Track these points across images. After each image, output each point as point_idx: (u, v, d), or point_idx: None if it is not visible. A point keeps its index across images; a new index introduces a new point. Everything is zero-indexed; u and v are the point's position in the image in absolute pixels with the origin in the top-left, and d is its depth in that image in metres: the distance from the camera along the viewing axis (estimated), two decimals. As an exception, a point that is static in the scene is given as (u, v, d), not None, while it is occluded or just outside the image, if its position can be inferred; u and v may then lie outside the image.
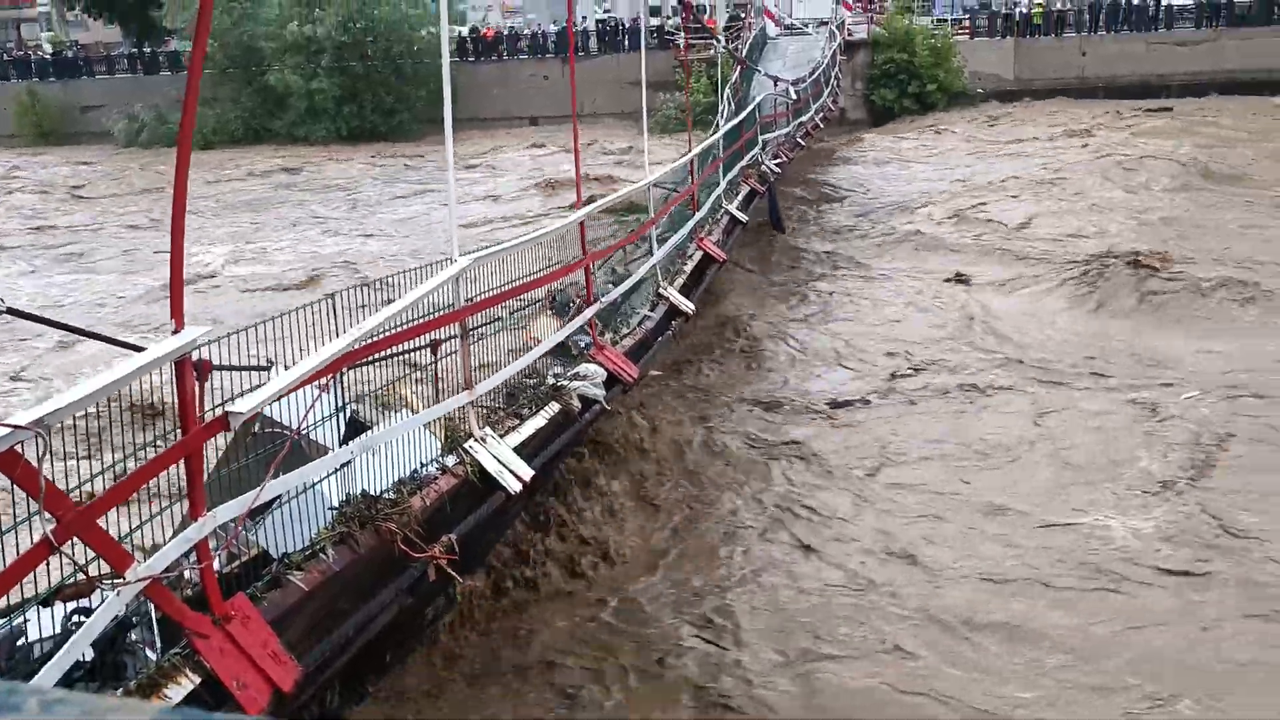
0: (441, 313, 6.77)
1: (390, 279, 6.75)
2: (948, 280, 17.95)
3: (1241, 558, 8.74)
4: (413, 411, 7.10)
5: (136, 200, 33.10)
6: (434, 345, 7.31)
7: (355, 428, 6.95)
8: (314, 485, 6.06)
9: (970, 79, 42.89)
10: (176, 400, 4.69)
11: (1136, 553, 8.86)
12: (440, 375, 7.23)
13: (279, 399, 5.41)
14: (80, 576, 4.37)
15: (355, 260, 22.59)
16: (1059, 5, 48.03)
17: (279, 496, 5.72)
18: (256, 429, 6.51)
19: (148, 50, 52.69)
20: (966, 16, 53.03)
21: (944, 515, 9.67)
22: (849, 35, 42.56)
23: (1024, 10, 47.86)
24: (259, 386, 5.53)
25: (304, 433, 6.09)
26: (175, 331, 4.57)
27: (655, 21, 49.17)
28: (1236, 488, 9.93)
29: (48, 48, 60.96)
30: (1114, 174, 25.87)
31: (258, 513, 5.74)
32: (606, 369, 8.45)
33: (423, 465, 6.63)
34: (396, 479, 6.43)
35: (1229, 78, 40.98)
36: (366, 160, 38.63)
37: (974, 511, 9.73)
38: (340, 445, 6.34)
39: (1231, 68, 41.43)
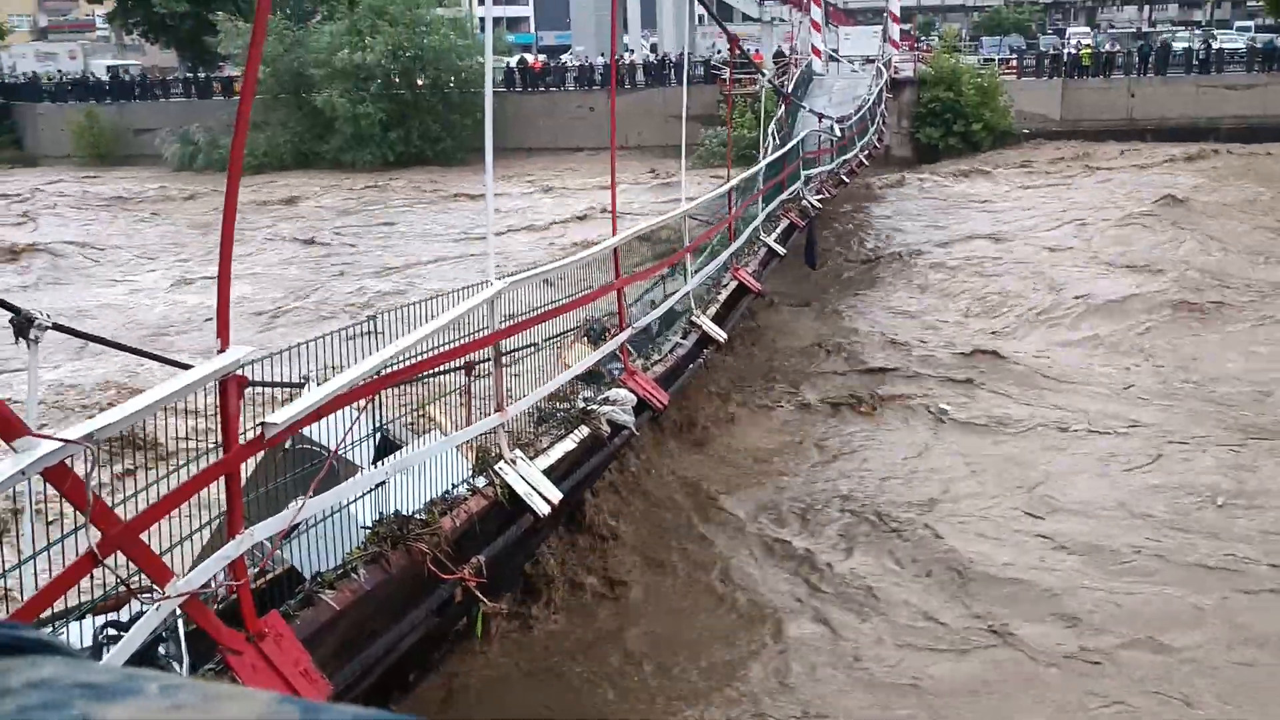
0: (477, 335, 6.89)
1: (430, 301, 6.85)
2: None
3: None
4: (443, 433, 7.22)
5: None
6: (468, 367, 7.44)
7: (387, 448, 7.08)
8: (347, 505, 6.18)
9: (1017, 118, 42.76)
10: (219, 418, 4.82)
11: None
12: (472, 397, 7.35)
13: (313, 414, 5.52)
14: (122, 590, 4.50)
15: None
16: (1108, 47, 47.90)
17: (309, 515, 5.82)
18: (289, 446, 6.64)
19: (202, 75, 53.82)
20: (1014, 56, 53.00)
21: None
22: (896, 73, 42.64)
23: (1072, 51, 47.81)
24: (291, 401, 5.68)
25: (333, 453, 6.21)
26: (220, 350, 4.70)
27: (702, 55, 49.44)
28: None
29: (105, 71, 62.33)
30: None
31: (289, 531, 5.85)
32: (637, 395, 8.53)
33: (454, 486, 6.72)
34: (428, 499, 6.54)
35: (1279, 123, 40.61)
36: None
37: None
38: (373, 465, 6.46)
39: (1281, 112, 41.07)
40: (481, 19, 65.66)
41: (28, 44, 74.46)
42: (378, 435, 7.24)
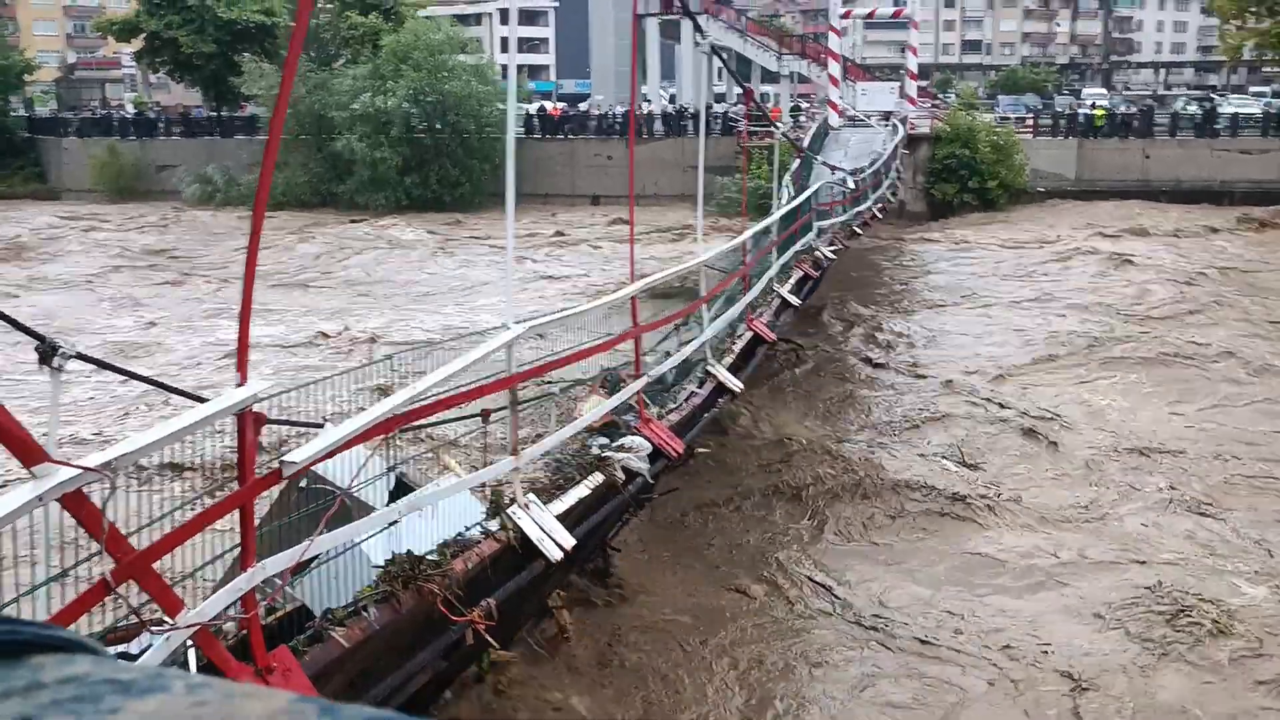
0: (493, 378, 6.92)
1: (448, 342, 6.89)
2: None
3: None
4: (456, 475, 7.22)
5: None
6: (484, 414, 7.47)
7: (401, 489, 7.09)
8: (359, 544, 6.18)
9: (1032, 177, 42.96)
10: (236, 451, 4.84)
11: None
12: (487, 441, 7.37)
13: (330, 455, 5.55)
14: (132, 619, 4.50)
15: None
16: (1123, 109, 48.20)
17: (320, 552, 5.82)
18: (303, 484, 6.66)
19: (225, 114, 54.55)
20: (1030, 115, 53.35)
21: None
22: (912, 129, 42.90)
23: (1087, 112, 48.16)
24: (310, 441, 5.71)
25: (346, 492, 6.23)
26: (239, 384, 4.73)
27: (720, 107, 49.84)
28: None
29: (130, 108, 63.27)
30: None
31: (299, 568, 5.85)
32: (652, 443, 8.53)
33: (466, 528, 6.72)
34: (440, 540, 6.53)
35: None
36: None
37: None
38: (386, 505, 6.47)
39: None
40: (503, 66, 66.53)
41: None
42: (392, 476, 7.26)
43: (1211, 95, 71.41)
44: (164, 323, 24.42)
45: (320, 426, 7.63)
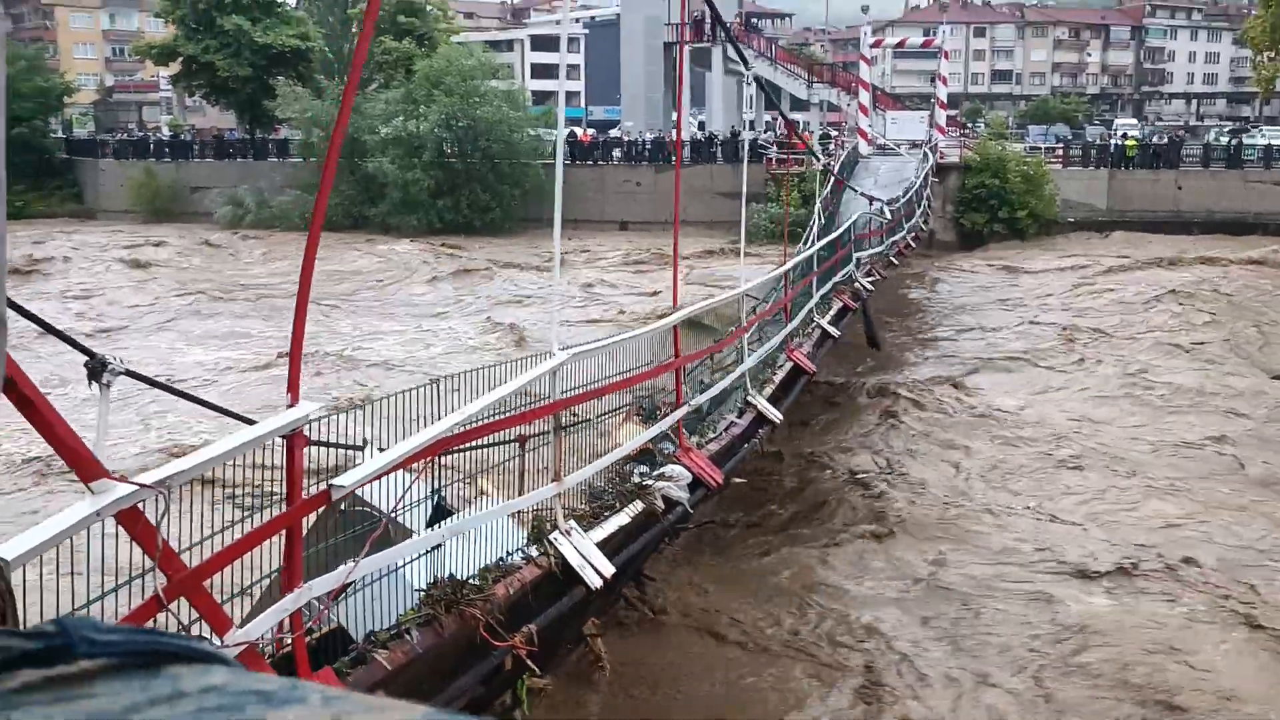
0: (538, 404, 6.91)
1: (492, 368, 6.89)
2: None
3: None
4: (495, 500, 7.21)
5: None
6: (521, 440, 7.44)
7: (441, 513, 7.07)
8: (401, 567, 6.17)
9: (1062, 207, 42.79)
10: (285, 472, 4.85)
11: None
12: (525, 467, 7.34)
13: (377, 479, 5.56)
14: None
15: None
16: (1155, 140, 48.01)
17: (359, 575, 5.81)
18: (343, 507, 6.66)
19: (258, 136, 55.14)
20: (1060, 145, 53.22)
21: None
22: (942, 158, 42.87)
23: (1118, 142, 48.00)
24: (357, 464, 5.72)
25: (388, 515, 6.23)
26: (290, 405, 4.74)
27: (748, 135, 49.96)
28: None
29: (166, 130, 64.07)
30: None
31: (338, 590, 5.84)
32: (691, 472, 8.49)
33: (508, 554, 6.70)
34: (482, 565, 6.51)
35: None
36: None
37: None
38: (425, 529, 6.46)
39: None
40: (536, 92, 66.98)
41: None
42: (434, 499, 7.25)
43: (1246, 126, 71.10)
44: (195, 341, 24.63)
45: (361, 449, 7.67)
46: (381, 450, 6.45)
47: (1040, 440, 16.11)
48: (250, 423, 5.37)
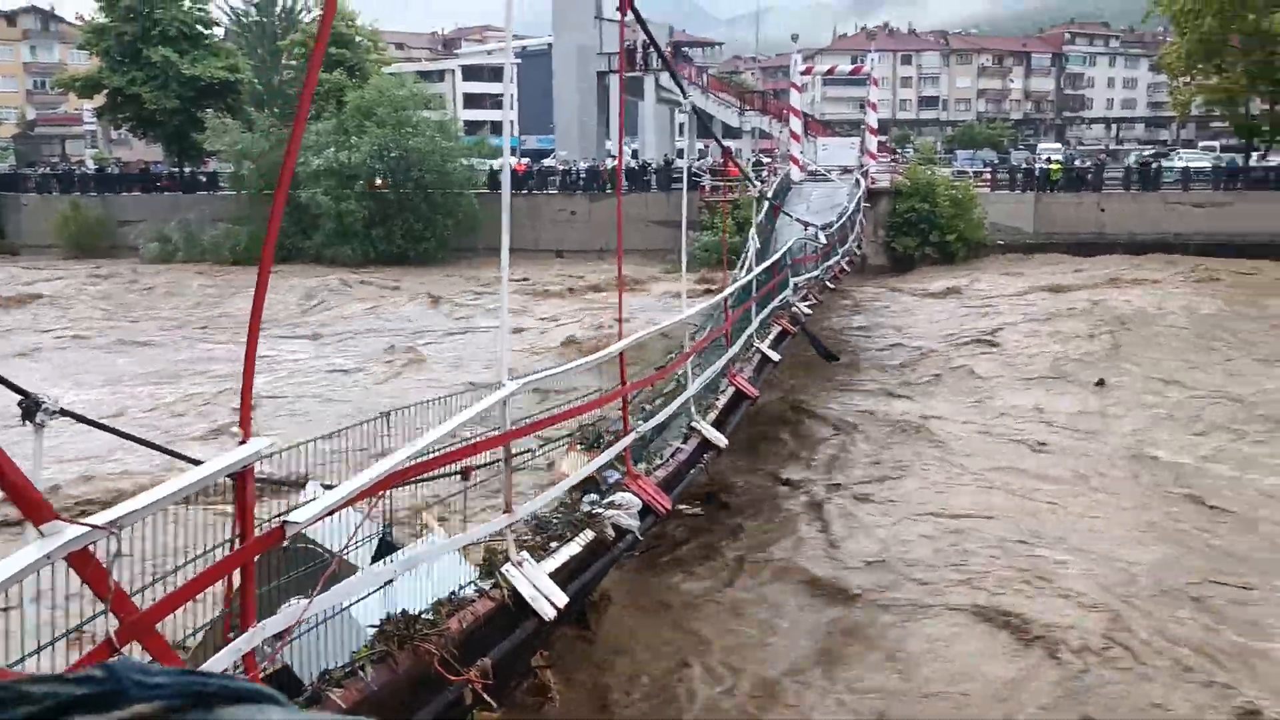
0: (487, 435, 6.89)
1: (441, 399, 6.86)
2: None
3: None
4: (443, 535, 7.16)
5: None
6: (465, 472, 7.38)
7: (387, 549, 7.00)
8: (349, 606, 6.09)
9: (990, 230, 43.59)
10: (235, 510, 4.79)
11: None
12: (468, 499, 7.30)
13: (331, 514, 5.50)
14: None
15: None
16: (1078, 163, 49.17)
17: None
18: (285, 545, 6.56)
19: (187, 170, 54.45)
20: (987, 170, 54.29)
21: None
22: (873, 183, 43.51)
23: (1043, 166, 49.12)
24: (309, 501, 5.66)
25: (337, 552, 6.15)
26: (242, 441, 4.69)
27: (681, 163, 50.35)
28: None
29: (91, 164, 63.02)
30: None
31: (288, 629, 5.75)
32: (641, 499, 8.51)
33: (460, 587, 6.65)
34: (430, 600, 6.46)
35: (1244, 239, 41.60)
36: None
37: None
38: (371, 565, 6.39)
39: (1246, 229, 42.10)
40: (469, 122, 66.88)
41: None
42: (379, 537, 7.18)
43: (1165, 150, 73.06)
44: (132, 378, 24.15)
45: (303, 486, 7.58)
46: (327, 487, 6.40)
47: (963, 453, 16.45)
48: (195, 462, 5.30)
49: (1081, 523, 13.48)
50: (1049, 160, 53.20)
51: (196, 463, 5.25)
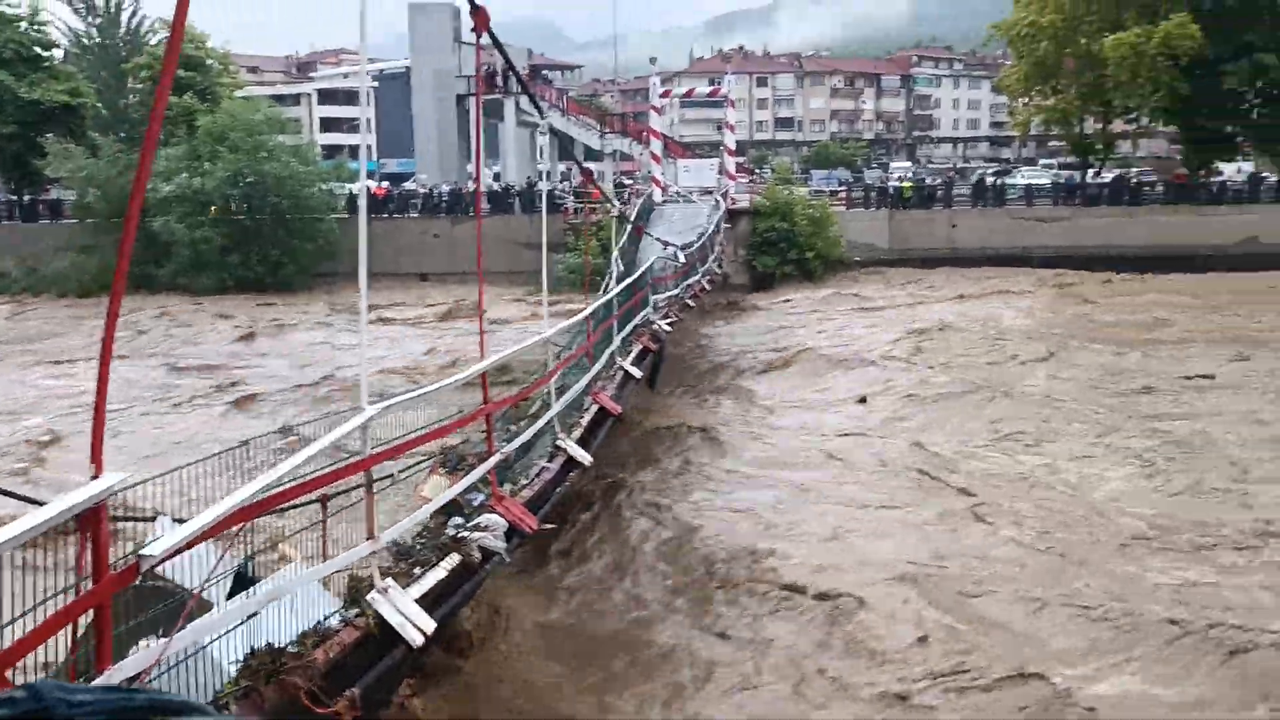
0: (348, 460, 6.81)
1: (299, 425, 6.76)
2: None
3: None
4: (304, 565, 7.02)
5: None
6: (324, 500, 7.26)
7: (242, 583, 6.84)
8: (209, 644, 5.94)
9: (848, 247, 44.81)
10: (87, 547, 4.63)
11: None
12: (332, 527, 7.18)
13: (188, 548, 5.36)
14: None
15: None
16: (929, 181, 50.94)
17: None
18: (138, 582, 6.35)
19: (27, 197, 52.18)
20: (843, 188, 55.80)
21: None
22: (732, 203, 44.32)
23: (895, 184, 50.77)
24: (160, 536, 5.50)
25: (191, 589, 5.98)
26: (94, 476, 4.55)
27: (545, 185, 50.43)
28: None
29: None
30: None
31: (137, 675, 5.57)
32: (507, 520, 8.50)
33: (325, 617, 6.55)
34: (295, 632, 6.34)
35: (1085, 252, 43.70)
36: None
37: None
38: (227, 601, 6.24)
39: (1086, 242, 44.26)
40: (326, 146, 65.79)
41: None
42: (234, 570, 7.00)
43: (1008, 167, 76.18)
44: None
45: (153, 520, 7.36)
46: (178, 521, 6.22)
47: (824, 465, 16.96)
48: (38, 503, 5.13)
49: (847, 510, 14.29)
50: (900, 179, 55.01)
51: (39, 503, 5.07)
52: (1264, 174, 50.79)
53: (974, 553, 12.73)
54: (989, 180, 55.77)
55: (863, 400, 21.68)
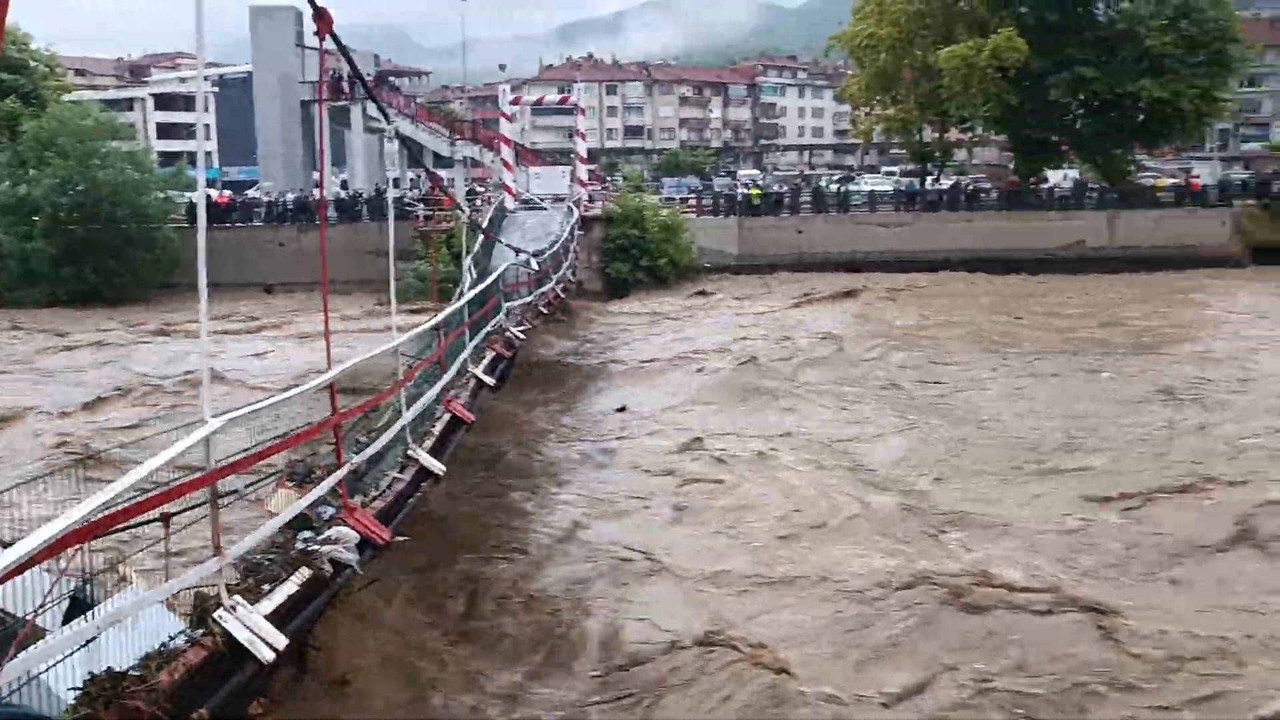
0: (192, 476, 6.60)
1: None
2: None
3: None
4: (146, 585, 6.79)
5: None
6: (165, 518, 7.00)
7: (78, 607, 6.57)
8: (43, 672, 5.68)
9: (699, 254, 45.45)
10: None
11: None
12: (175, 546, 6.94)
13: (19, 573, 5.12)
14: None
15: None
16: (776, 188, 52.07)
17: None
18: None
19: None
20: (693, 196, 56.55)
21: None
22: (585, 210, 44.48)
23: (744, 191, 51.73)
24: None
25: (21, 616, 5.72)
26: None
27: (395, 192, 49.72)
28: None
29: None
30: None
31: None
32: (358, 532, 8.36)
33: (171, 638, 6.34)
34: (139, 655, 6.12)
35: (925, 256, 45.28)
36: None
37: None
38: (62, 627, 5.99)
39: (926, 247, 45.89)
40: (163, 153, 63.54)
41: None
42: (69, 595, 6.72)
43: (852, 175, 78.38)
44: None
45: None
46: (4, 545, 5.93)
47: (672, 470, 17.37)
48: None
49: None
50: (748, 186, 56.05)
51: None
52: (1089, 182, 53.48)
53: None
54: (833, 187, 57.38)
55: (622, 409, 22.17)
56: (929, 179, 56.43)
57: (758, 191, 51.37)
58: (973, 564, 12.65)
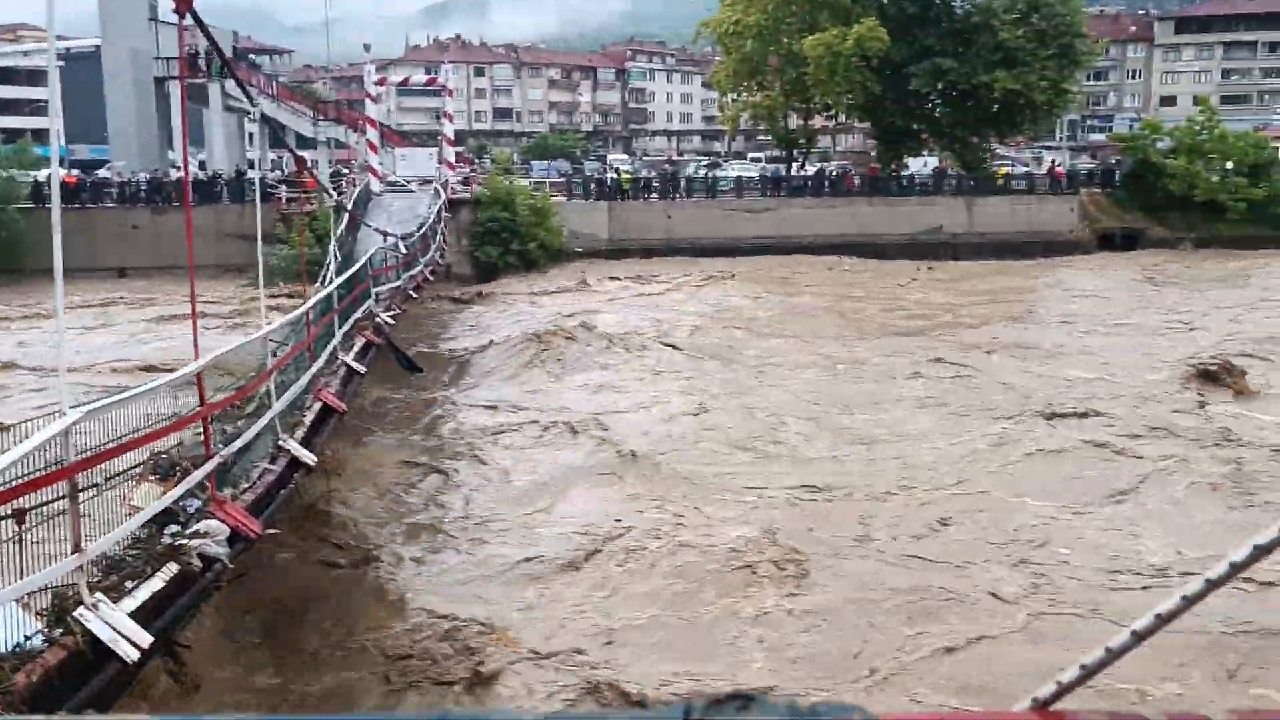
0: (47, 470, 6.32)
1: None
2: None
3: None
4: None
5: None
6: (19, 514, 6.71)
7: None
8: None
9: (569, 238, 45.35)
10: None
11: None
12: (23, 544, 6.65)
13: None
14: None
15: None
16: (645, 173, 52.27)
17: None
18: None
19: None
20: (562, 179, 56.38)
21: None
22: (453, 193, 43.91)
23: (614, 176, 51.80)
24: None
25: None
26: None
27: (253, 174, 48.27)
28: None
29: None
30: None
31: None
32: (228, 525, 8.13)
33: (27, 638, 6.07)
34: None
35: (789, 241, 46.08)
36: None
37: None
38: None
39: (790, 232, 46.70)
40: (3, 130, 60.50)
41: None
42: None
43: (719, 161, 79.18)
44: None
45: None
46: None
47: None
48: None
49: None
50: (618, 171, 56.15)
51: None
52: (947, 169, 55.12)
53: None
54: (700, 173, 57.89)
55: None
56: (794, 165, 57.37)
57: (628, 176, 51.50)
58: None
